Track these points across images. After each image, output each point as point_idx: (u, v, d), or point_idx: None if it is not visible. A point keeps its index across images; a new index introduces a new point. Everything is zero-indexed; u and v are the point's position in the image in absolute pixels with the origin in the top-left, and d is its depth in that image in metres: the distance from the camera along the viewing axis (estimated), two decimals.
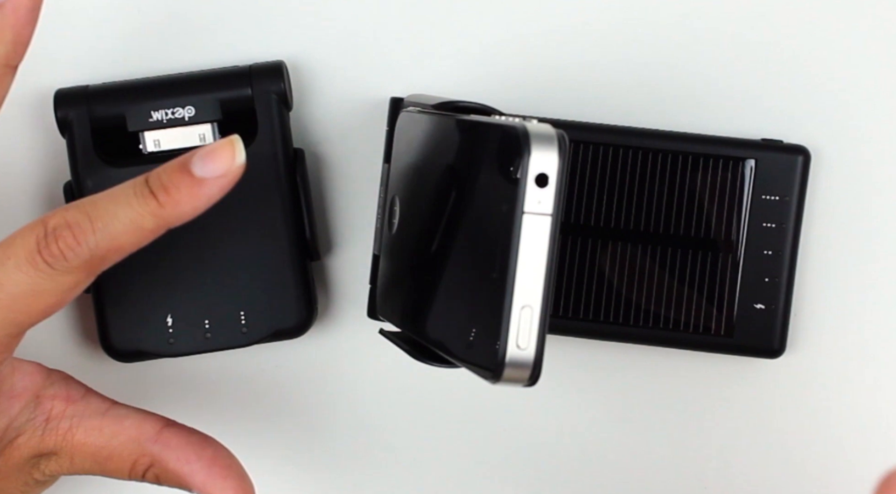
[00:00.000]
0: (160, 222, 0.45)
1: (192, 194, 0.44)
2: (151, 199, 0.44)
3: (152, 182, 0.45)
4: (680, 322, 0.53)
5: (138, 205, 0.44)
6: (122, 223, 0.44)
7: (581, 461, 0.56)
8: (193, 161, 0.44)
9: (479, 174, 0.43)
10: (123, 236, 0.45)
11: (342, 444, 0.56)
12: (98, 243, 0.44)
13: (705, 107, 0.55)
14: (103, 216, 0.44)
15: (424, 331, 0.46)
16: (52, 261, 0.44)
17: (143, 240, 0.45)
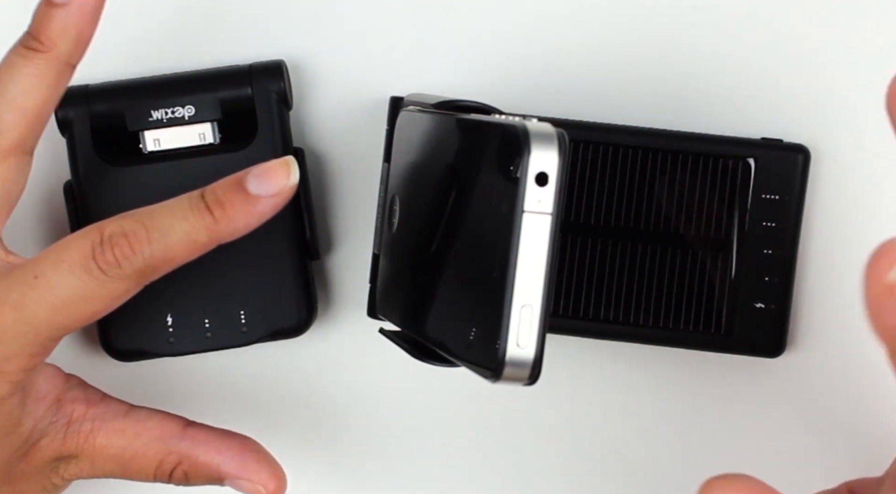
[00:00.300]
0: (213, 237, 0.46)
1: (246, 211, 0.46)
2: (207, 213, 0.46)
3: (208, 197, 0.46)
4: (680, 321, 0.53)
5: (194, 218, 0.46)
6: (177, 236, 0.45)
7: (581, 460, 0.56)
8: (249, 179, 0.46)
9: (479, 173, 0.43)
10: (177, 247, 0.46)
11: (342, 443, 0.56)
12: (153, 253, 0.45)
13: (705, 106, 0.55)
14: (160, 227, 0.45)
15: (424, 330, 0.46)
16: (106, 268, 0.45)
17: (195, 253, 0.46)
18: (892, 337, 0.39)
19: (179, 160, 0.53)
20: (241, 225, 0.46)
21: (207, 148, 0.53)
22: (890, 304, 0.38)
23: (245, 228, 0.46)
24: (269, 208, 0.46)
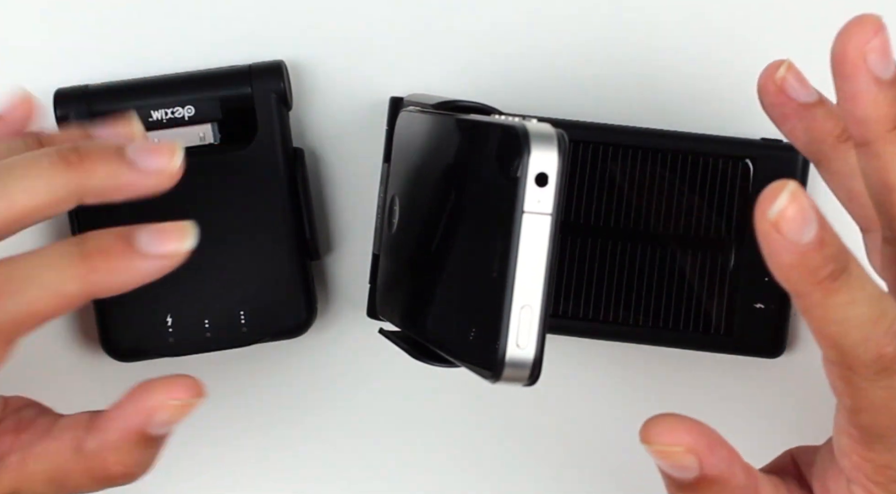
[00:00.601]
0: (85, 289, 0.41)
1: (128, 267, 0.41)
2: (80, 263, 0.41)
3: (88, 244, 0.41)
4: (679, 322, 0.53)
5: (64, 267, 0.41)
6: (42, 287, 0.41)
7: (581, 460, 0.56)
8: (140, 234, 0.42)
9: (478, 174, 0.43)
10: (42, 300, 0.41)
11: (342, 443, 0.56)
12: (14, 306, 0.40)
13: (705, 106, 0.55)
14: (22, 277, 0.41)
15: (424, 330, 0.46)
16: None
17: (63, 307, 0.41)
18: (790, 278, 0.39)
19: None
20: (119, 281, 0.41)
21: (207, 148, 0.53)
22: (778, 240, 0.38)
23: (121, 286, 0.41)
24: (154, 269, 0.42)
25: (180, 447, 0.56)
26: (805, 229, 0.38)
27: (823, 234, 0.38)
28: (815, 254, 0.38)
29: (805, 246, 0.38)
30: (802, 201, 0.38)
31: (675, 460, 0.41)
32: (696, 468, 0.41)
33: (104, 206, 0.52)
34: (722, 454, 0.42)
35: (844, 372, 0.40)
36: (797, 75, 0.45)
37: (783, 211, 0.38)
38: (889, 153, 0.41)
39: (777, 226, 0.38)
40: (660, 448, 0.41)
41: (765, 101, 0.46)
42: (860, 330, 0.39)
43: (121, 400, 0.44)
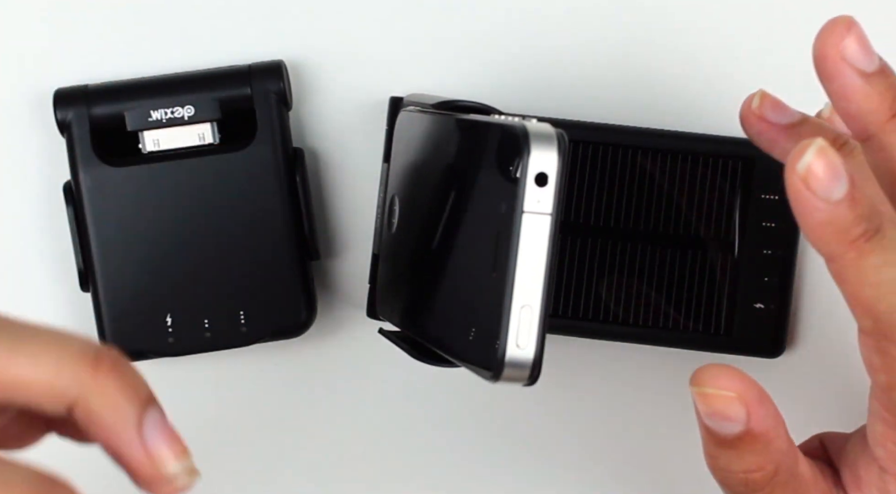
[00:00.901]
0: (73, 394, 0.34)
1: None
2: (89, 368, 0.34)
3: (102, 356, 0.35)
4: (679, 322, 0.53)
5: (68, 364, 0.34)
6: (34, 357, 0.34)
7: (581, 460, 0.56)
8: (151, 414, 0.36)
9: (478, 173, 0.43)
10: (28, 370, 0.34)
11: (342, 443, 0.56)
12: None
13: (705, 106, 0.55)
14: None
15: (424, 330, 0.46)
16: None
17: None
18: (822, 237, 0.39)
19: (179, 160, 0.53)
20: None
21: (207, 148, 0.53)
22: (809, 198, 0.38)
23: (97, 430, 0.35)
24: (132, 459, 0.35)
25: None
26: (835, 185, 0.38)
27: (854, 192, 0.38)
28: (847, 212, 0.38)
29: (836, 203, 0.38)
30: (831, 156, 0.38)
31: (724, 407, 0.41)
32: (742, 420, 0.41)
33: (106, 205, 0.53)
34: (770, 411, 0.42)
35: (880, 342, 0.40)
36: (772, 101, 0.46)
37: (811, 166, 0.38)
38: (892, 143, 0.41)
39: (806, 182, 0.38)
40: (710, 391, 0.41)
41: (749, 132, 0.46)
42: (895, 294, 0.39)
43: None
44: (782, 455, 0.42)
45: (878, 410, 0.42)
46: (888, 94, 0.41)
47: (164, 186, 0.53)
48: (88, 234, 0.53)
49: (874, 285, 0.39)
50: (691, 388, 0.41)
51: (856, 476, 0.44)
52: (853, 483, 0.44)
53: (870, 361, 0.41)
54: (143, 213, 0.53)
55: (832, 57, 0.41)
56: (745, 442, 0.41)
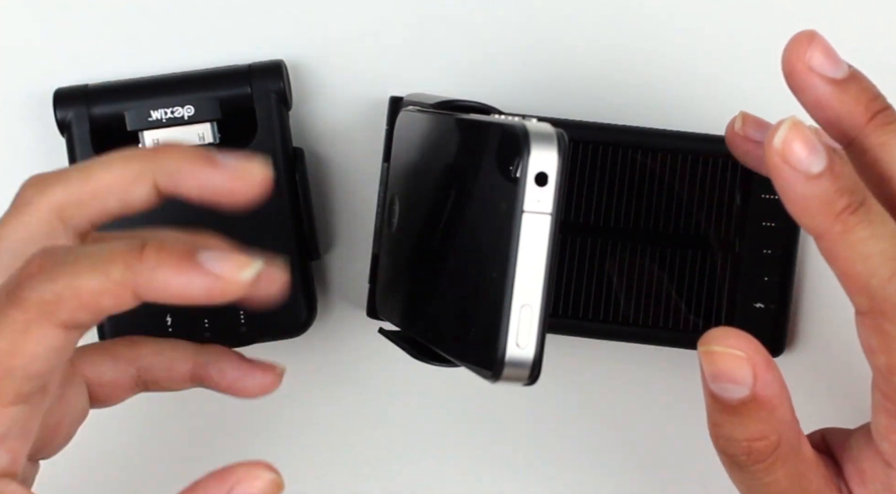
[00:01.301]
0: (129, 278, 0.39)
1: (180, 273, 0.40)
2: (135, 251, 0.39)
3: (148, 240, 0.40)
4: (679, 321, 0.53)
5: (115, 253, 0.39)
6: (89, 261, 0.39)
7: (581, 460, 0.56)
8: (202, 251, 0.40)
9: (478, 173, 0.43)
10: (86, 275, 0.39)
11: (341, 443, 0.56)
12: (59, 276, 0.39)
13: (705, 105, 0.55)
14: (74, 252, 0.40)
15: (424, 330, 0.46)
16: (7, 289, 0.39)
17: (106, 295, 0.39)
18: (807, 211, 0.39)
19: None
20: (166, 284, 0.39)
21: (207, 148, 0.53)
22: (789, 172, 0.39)
23: (166, 290, 0.39)
24: (204, 286, 0.39)
25: (180, 447, 0.56)
26: (813, 158, 0.38)
27: (834, 165, 0.39)
28: (828, 185, 0.39)
29: (816, 177, 0.39)
30: (805, 131, 0.39)
31: (731, 366, 0.41)
32: (748, 383, 0.41)
33: None
34: (777, 378, 0.41)
35: (876, 321, 0.40)
36: (754, 120, 0.46)
37: (787, 140, 0.38)
38: (874, 145, 0.42)
39: (784, 157, 0.38)
40: (719, 350, 0.41)
41: (737, 153, 0.46)
42: (888, 267, 0.39)
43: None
44: (786, 427, 0.42)
45: (881, 401, 0.42)
46: (862, 97, 0.41)
47: None
48: None
49: (864, 259, 0.39)
50: (699, 349, 0.41)
51: (859, 471, 0.43)
52: (857, 478, 0.44)
53: (868, 343, 0.41)
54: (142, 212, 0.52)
55: (799, 70, 0.41)
56: (750, 408, 0.41)
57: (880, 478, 0.43)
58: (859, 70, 0.42)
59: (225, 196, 0.43)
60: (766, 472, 0.42)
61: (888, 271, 0.39)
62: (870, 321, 0.40)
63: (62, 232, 0.43)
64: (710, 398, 0.42)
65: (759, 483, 0.43)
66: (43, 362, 0.39)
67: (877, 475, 0.43)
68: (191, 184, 0.43)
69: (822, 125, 0.42)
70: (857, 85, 0.42)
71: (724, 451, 0.43)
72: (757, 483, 0.43)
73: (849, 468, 0.44)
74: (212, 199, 0.43)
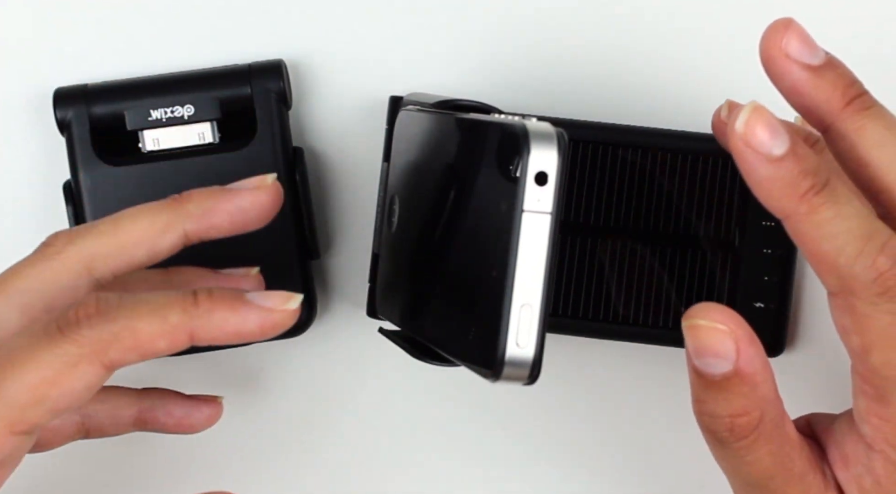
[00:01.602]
0: (188, 323, 0.41)
1: (235, 312, 0.42)
2: (189, 298, 0.42)
3: (199, 289, 0.42)
4: (679, 322, 0.53)
5: (172, 299, 0.42)
6: (148, 307, 0.41)
7: (581, 459, 0.56)
8: (249, 292, 0.42)
9: (478, 173, 0.43)
10: (146, 319, 0.41)
11: (342, 443, 0.56)
12: (118, 318, 0.41)
13: (705, 105, 0.55)
14: (134, 297, 0.42)
15: (424, 330, 0.46)
16: (64, 325, 0.41)
17: (164, 337, 0.41)
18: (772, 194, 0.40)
19: (179, 160, 0.53)
20: (223, 324, 0.42)
21: (207, 147, 0.53)
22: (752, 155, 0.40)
23: (224, 331, 0.42)
24: (257, 321, 0.42)
25: (180, 447, 0.56)
26: (775, 141, 0.39)
27: (797, 147, 0.40)
28: (791, 166, 0.40)
29: (779, 159, 0.39)
30: (766, 114, 0.39)
31: (714, 341, 0.41)
32: (731, 357, 0.41)
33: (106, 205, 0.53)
34: (759, 352, 0.42)
35: (848, 300, 0.40)
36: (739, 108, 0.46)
37: (749, 124, 0.39)
38: (850, 130, 0.42)
39: (746, 141, 0.39)
40: (702, 323, 0.41)
41: (722, 141, 0.47)
42: (854, 245, 0.40)
43: None
44: (768, 404, 0.42)
45: (859, 383, 0.42)
46: (839, 82, 0.42)
47: (164, 185, 0.52)
48: None
49: (830, 239, 0.40)
50: (683, 324, 0.41)
51: (843, 454, 0.44)
52: (840, 462, 0.44)
53: (841, 324, 0.42)
54: None
55: (776, 56, 0.42)
56: (733, 383, 0.41)
57: (862, 461, 0.43)
58: (836, 57, 0.43)
59: (255, 219, 0.46)
60: (749, 449, 0.43)
61: (854, 249, 0.40)
62: (841, 301, 0.41)
63: (86, 282, 0.45)
64: (694, 373, 0.42)
65: (741, 462, 0.43)
66: (74, 398, 0.41)
67: (859, 458, 0.43)
68: (222, 221, 0.45)
69: (799, 111, 0.43)
70: (833, 71, 0.42)
71: (708, 428, 0.43)
72: (740, 462, 0.43)
73: (832, 451, 0.44)
74: (243, 229, 0.46)
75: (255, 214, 0.46)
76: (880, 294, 0.40)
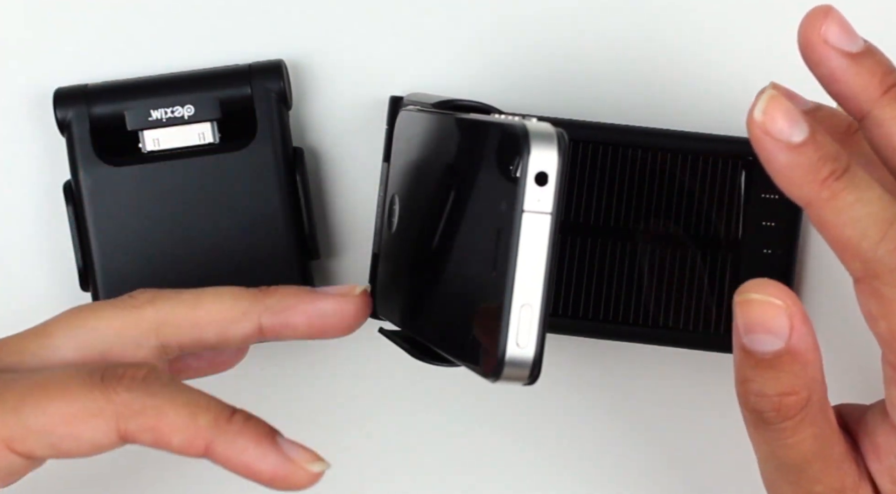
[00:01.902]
0: (208, 449, 0.42)
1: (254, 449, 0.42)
2: (227, 418, 0.42)
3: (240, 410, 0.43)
4: (680, 321, 0.53)
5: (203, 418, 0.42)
6: (187, 398, 0.42)
7: (581, 460, 0.56)
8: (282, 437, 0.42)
9: (478, 173, 0.43)
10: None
11: (341, 444, 0.56)
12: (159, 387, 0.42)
13: (705, 106, 0.55)
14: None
15: (424, 330, 0.46)
16: (107, 375, 0.41)
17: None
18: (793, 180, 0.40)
19: (179, 160, 0.53)
20: (241, 452, 0.42)
21: (207, 147, 0.53)
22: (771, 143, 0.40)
23: (239, 458, 0.42)
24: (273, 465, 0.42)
25: None
26: (794, 129, 0.39)
27: (815, 134, 0.40)
28: (811, 153, 0.40)
29: (798, 146, 0.39)
30: (783, 102, 0.40)
31: (769, 316, 0.40)
32: (784, 335, 0.40)
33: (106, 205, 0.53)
34: (811, 330, 0.41)
35: (872, 285, 0.40)
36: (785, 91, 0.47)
37: (767, 112, 0.39)
38: (888, 117, 0.42)
39: (765, 128, 0.39)
40: (758, 298, 0.40)
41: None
42: (877, 229, 0.39)
43: None
44: (817, 385, 0.42)
45: (891, 373, 0.42)
46: (877, 70, 0.42)
47: (164, 185, 0.53)
48: (88, 233, 0.53)
49: (852, 223, 0.40)
50: (735, 299, 0.41)
51: (874, 445, 0.43)
52: (872, 453, 0.44)
53: (868, 311, 0.41)
54: (143, 212, 0.53)
55: (815, 43, 0.42)
56: (784, 361, 0.41)
57: (895, 452, 0.43)
58: (874, 45, 0.42)
59: (335, 327, 0.46)
60: (794, 430, 0.42)
61: (878, 233, 0.40)
62: (866, 286, 0.41)
63: (151, 343, 0.45)
64: (742, 352, 0.41)
65: (783, 444, 0.42)
66: (76, 444, 0.41)
67: (892, 448, 0.43)
68: (300, 322, 0.46)
69: (836, 99, 0.43)
70: (871, 59, 0.42)
71: (754, 407, 0.42)
72: (781, 444, 0.42)
73: (864, 443, 0.44)
74: (321, 335, 0.46)
75: (335, 321, 0.46)
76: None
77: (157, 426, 0.41)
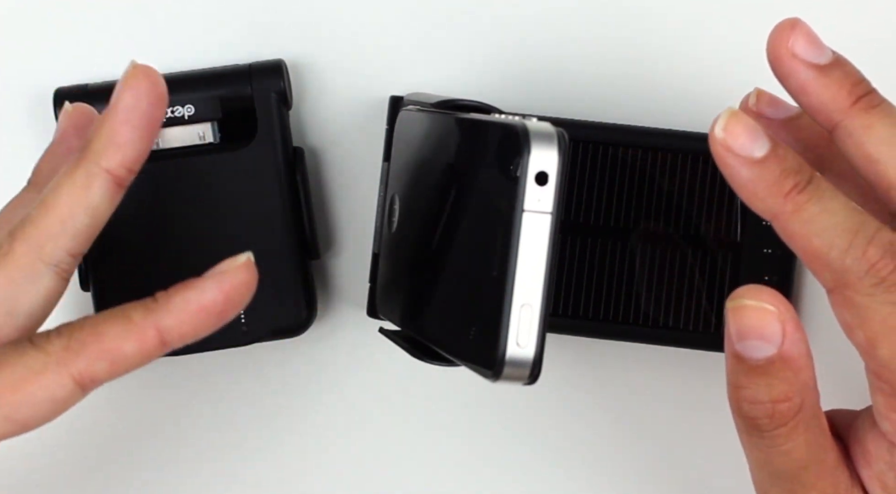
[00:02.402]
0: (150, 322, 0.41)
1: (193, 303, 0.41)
2: (150, 299, 0.42)
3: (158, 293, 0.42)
4: (679, 321, 0.53)
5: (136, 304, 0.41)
6: (114, 317, 0.41)
7: (581, 459, 0.56)
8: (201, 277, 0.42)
9: (478, 172, 0.43)
10: (109, 322, 0.41)
11: (342, 443, 0.56)
12: (84, 329, 0.41)
13: (706, 105, 0.55)
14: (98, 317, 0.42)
15: (424, 329, 0.46)
16: (37, 340, 0.41)
17: (130, 338, 0.41)
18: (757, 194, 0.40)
19: (179, 159, 0.53)
20: (185, 306, 0.41)
21: (207, 147, 0.53)
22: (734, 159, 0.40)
23: (187, 311, 0.41)
24: (218, 288, 0.41)
25: (179, 445, 0.56)
26: (755, 144, 0.40)
27: (777, 148, 0.40)
28: (773, 167, 0.40)
29: (760, 161, 0.40)
30: (744, 118, 0.40)
31: (761, 322, 0.40)
32: (777, 341, 0.40)
33: None
34: (803, 337, 0.41)
35: (845, 294, 0.40)
36: (769, 98, 0.47)
37: (728, 129, 0.39)
38: (858, 126, 0.42)
39: (726, 145, 0.40)
40: (750, 304, 0.40)
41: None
42: (843, 238, 0.40)
43: None
44: (809, 391, 0.42)
45: (874, 381, 0.42)
46: (846, 81, 0.42)
47: (165, 185, 0.52)
48: None
49: (819, 234, 0.40)
50: (727, 306, 0.41)
51: (864, 451, 0.44)
52: (862, 459, 0.44)
53: (844, 321, 0.41)
54: (143, 212, 0.53)
55: (783, 56, 0.42)
56: (777, 367, 0.41)
57: (884, 458, 0.43)
58: (843, 55, 0.43)
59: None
60: (787, 437, 0.42)
61: (844, 242, 0.40)
62: (839, 296, 0.41)
63: (44, 270, 0.44)
64: (734, 359, 0.41)
65: (776, 451, 0.42)
66: (36, 408, 0.41)
67: (881, 455, 0.43)
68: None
69: (807, 110, 0.43)
70: (840, 70, 0.42)
71: (746, 414, 0.42)
72: (774, 451, 0.42)
73: (854, 448, 0.44)
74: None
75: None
76: (876, 285, 0.40)
77: (104, 349, 0.41)
